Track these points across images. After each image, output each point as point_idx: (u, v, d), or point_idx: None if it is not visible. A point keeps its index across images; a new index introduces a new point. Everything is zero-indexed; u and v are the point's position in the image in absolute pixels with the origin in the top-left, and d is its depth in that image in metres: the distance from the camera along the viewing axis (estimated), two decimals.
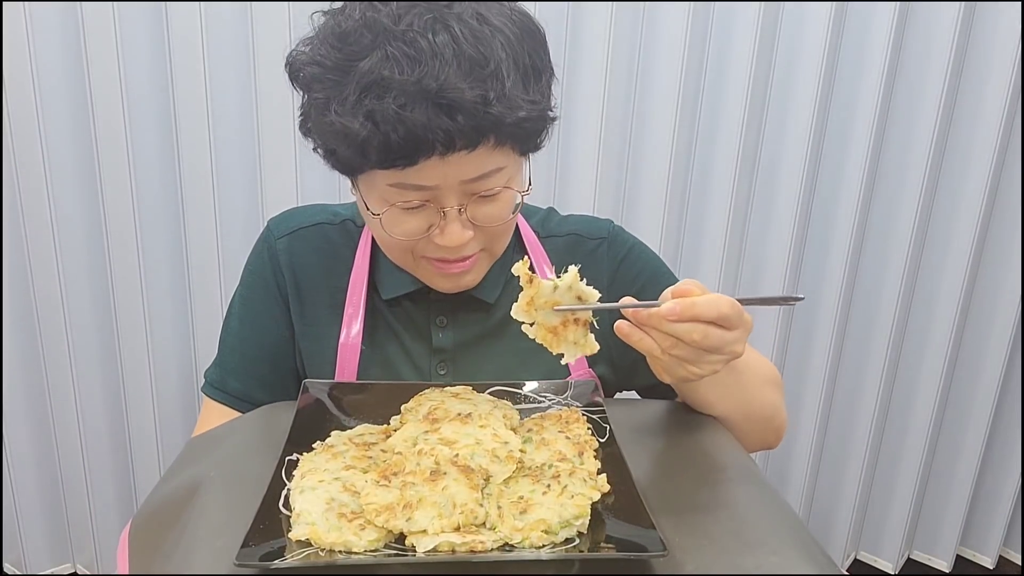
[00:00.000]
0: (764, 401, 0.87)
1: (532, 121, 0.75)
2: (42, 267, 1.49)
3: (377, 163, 0.73)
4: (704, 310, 0.67)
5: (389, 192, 0.76)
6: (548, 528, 0.59)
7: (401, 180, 0.74)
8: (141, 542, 0.67)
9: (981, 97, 1.53)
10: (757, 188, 1.62)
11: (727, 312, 0.68)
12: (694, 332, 0.67)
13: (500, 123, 0.71)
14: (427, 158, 0.71)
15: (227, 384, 0.93)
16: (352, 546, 0.57)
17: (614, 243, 0.96)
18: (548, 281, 0.70)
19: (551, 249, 0.95)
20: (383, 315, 0.91)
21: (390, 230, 0.78)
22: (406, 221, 0.78)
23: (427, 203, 0.76)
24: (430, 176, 0.73)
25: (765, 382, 0.89)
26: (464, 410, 0.73)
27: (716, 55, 1.53)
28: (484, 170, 0.75)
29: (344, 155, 0.75)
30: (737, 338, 0.70)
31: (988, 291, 1.68)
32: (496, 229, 0.81)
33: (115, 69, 1.39)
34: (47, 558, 1.70)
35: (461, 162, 0.72)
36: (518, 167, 0.80)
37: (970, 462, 1.77)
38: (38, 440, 1.61)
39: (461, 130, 0.70)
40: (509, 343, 0.91)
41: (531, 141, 0.79)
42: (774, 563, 0.60)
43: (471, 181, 0.75)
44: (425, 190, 0.75)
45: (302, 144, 1.45)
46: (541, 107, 0.76)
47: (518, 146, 0.77)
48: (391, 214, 0.77)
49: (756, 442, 0.89)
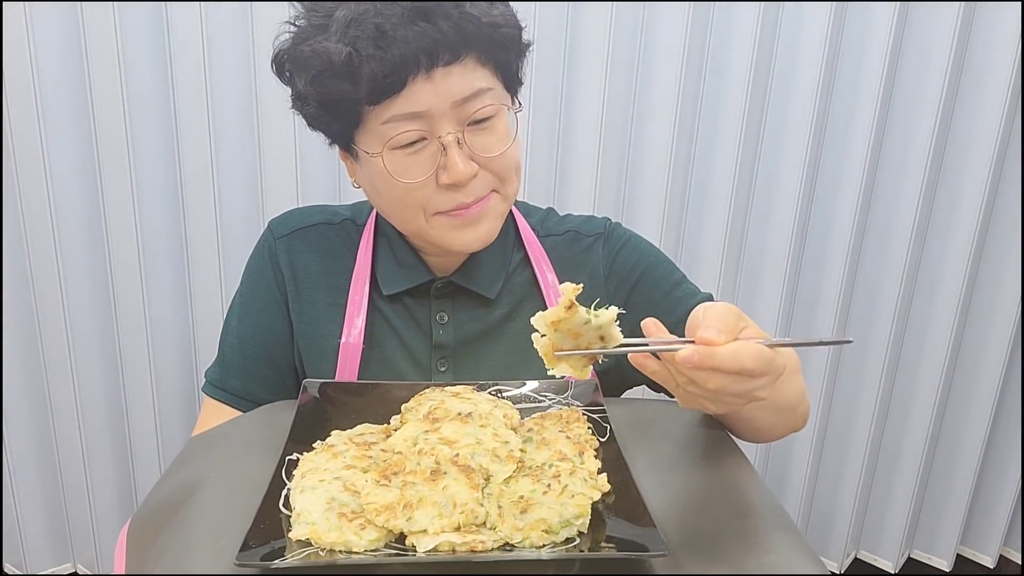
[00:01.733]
0: (789, 394, 0.81)
1: (507, 28, 0.78)
2: (42, 266, 1.49)
3: (368, 95, 0.75)
4: (724, 362, 0.59)
5: (385, 130, 0.77)
6: (548, 528, 0.59)
7: (393, 112, 0.76)
8: (140, 541, 0.67)
9: (981, 97, 1.53)
10: (757, 188, 1.63)
11: (750, 367, 0.59)
12: (710, 382, 0.60)
13: (478, 26, 0.75)
14: (414, 76, 0.74)
15: (227, 383, 0.93)
16: (352, 546, 0.57)
17: (610, 237, 0.96)
18: (585, 314, 0.64)
19: (550, 247, 0.95)
20: (383, 312, 0.92)
21: (397, 175, 0.79)
22: (410, 165, 0.79)
23: (424, 138, 0.78)
24: (420, 99, 0.75)
25: (791, 374, 0.81)
26: (464, 410, 0.73)
27: (716, 55, 1.53)
28: (472, 89, 0.77)
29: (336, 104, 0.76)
30: (761, 385, 0.62)
31: (988, 291, 1.68)
32: (499, 164, 0.81)
33: (115, 69, 1.39)
34: (47, 558, 1.70)
35: (447, 80, 0.75)
36: (506, 100, 0.82)
37: (970, 461, 1.77)
38: (38, 440, 1.61)
39: (442, 36, 0.73)
40: (509, 340, 0.91)
41: (511, 59, 0.82)
42: (774, 563, 0.60)
43: (461, 102, 0.77)
44: (418, 118, 0.76)
45: (302, 144, 1.47)
46: (515, 18, 0.81)
47: (499, 67, 0.80)
48: (393, 158, 0.78)
49: (784, 430, 0.86)
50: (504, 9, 0.80)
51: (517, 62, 0.84)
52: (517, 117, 0.85)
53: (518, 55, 0.83)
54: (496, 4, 0.79)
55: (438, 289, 0.91)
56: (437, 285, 0.91)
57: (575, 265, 0.94)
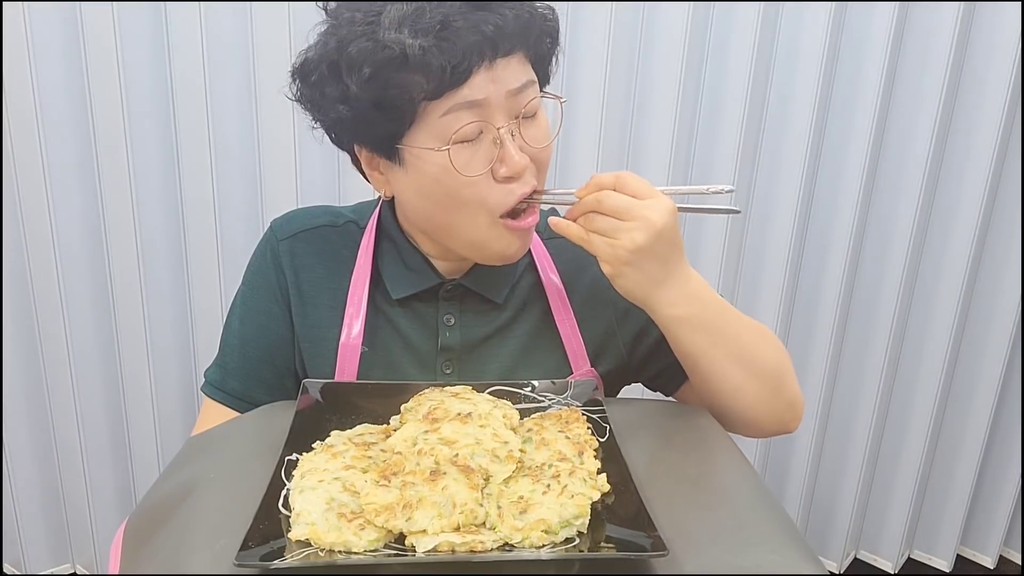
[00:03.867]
0: (765, 357, 0.86)
1: (552, 22, 0.83)
2: (42, 267, 1.49)
3: (435, 87, 0.74)
4: (604, 178, 0.78)
5: (445, 123, 0.76)
6: (548, 528, 0.59)
7: (455, 101, 0.75)
8: (137, 540, 0.67)
9: (981, 97, 1.53)
10: (757, 187, 1.63)
11: (628, 180, 0.77)
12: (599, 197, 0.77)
13: (533, 17, 0.78)
14: (478, 66, 0.75)
15: (227, 384, 0.93)
16: (352, 546, 0.57)
17: None
18: None
19: (555, 249, 0.95)
20: (387, 316, 0.91)
21: (463, 169, 0.78)
22: (469, 159, 0.78)
23: (481, 129, 0.78)
24: (480, 88, 0.75)
25: (761, 338, 0.88)
26: (464, 410, 0.73)
27: (716, 54, 1.53)
28: (522, 80, 0.79)
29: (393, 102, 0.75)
30: (648, 207, 0.76)
31: (988, 291, 1.68)
32: (543, 156, 0.83)
33: (115, 69, 1.39)
34: (47, 558, 1.70)
35: (506, 70, 0.77)
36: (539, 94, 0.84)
37: (970, 461, 1.77)
38: (38, 440, 1.61)
39: (505, 24, 0.75)
40: (515, 343, 0.91)
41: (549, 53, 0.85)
42: (774, 563, 0.60)
43: (514, 93, 0.78)
44: (477, 107, 0.76)
45: (302, 145, 1.47)
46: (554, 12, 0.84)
47: (538, 61, 0.83)
48: (457, 151, 0.78)
49: (770, 415, 0.87)
50: (545, 3, 0.83)
51: (551, 55, 0.86)
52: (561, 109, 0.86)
53: (553, 48, 0.86)
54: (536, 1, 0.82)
55: (447, 292, 0.90)
56: (446, 288, 0.90)
57: (578, 267, 0.94)
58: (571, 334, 0.92)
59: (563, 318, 0.92)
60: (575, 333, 0.92)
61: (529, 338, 0.92)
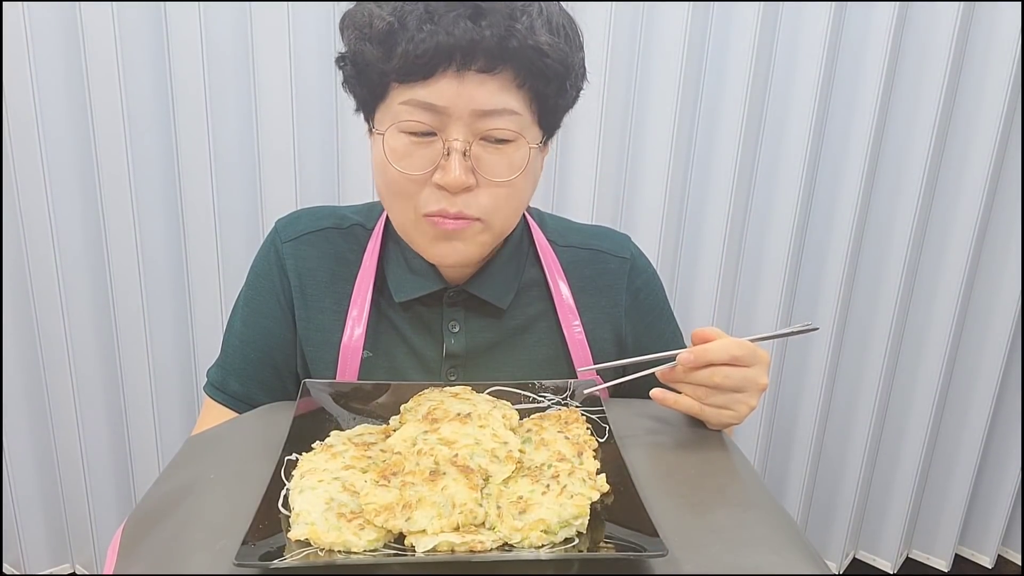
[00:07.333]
0: None
1: (553, 62, 0.75)
2: (41, 267, 1.49)
3: (397, 70, 0.74)
4: (716, 354, 0.75)
5: (400, 111, 0.76)
6: (547, 528, 0.59)
7: (413, 96, 0.75)
8: (135, 540, 0.67)
9: (981, 97, 1.53)
10: (756, 188, 1.63)
11: (737, 353, 0.75)
12: (715, 376, 0.75)
13: (521, 46, 0.73)
14: (444, 70, 0.73)
15: (228, 385, 0.92)
16: (351, 546, 0.57)
17: (634, 268, 0.97)
18: None
19: (568, 261, 0.94)
20: (391, 320, 0.91)
21: (395, 160, 0.77)
22: (411, 154, 0.77)
23: (433, 134, 0.76)
24: (443, 94, 0.74)
25: None
26: (463, 410, 0.73)
27: (716, 55, 1.53)
28: (495, 105, 0.75)
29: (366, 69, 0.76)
30: (758, 373, 0.76)
31: (987, 291, 1.68)
32: (498, 193, 0.79)
33: (114, 70, 1.39)
34: (46, 558, 1.70)
35: (475, 87, 0.73)
36: (532, 134, 0.79)
37: (969, 461, 1.77)
38: (38, 440, 1.61)
39: (481, 40, 0.72)
40: (520, 350, 0.91)
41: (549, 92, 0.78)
42: (774, 563, 0.60)
43: (481, 115, 0.75)
44: (435, 112, 0.75)
45: (302, 145, 1.47)
46: (565, 58, 0.77)
47: (536, 98, 0.77)
48: (396, 142, 0.77)
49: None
50: (556, 43, 0.76)
51: (557, 100, 0.80)
52: (543, 161, 0.83)
53: (559, 94, 0.79)
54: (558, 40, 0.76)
55: (451, 297, 0.90)
56: (450, 293, 0.90)
57: (597, 287, 0.94)
58: (579, 345, 0.91)
59: (571, 328, 0.91)
60: (583, 344, 0.91)
61: (536, 346, 0.92)
